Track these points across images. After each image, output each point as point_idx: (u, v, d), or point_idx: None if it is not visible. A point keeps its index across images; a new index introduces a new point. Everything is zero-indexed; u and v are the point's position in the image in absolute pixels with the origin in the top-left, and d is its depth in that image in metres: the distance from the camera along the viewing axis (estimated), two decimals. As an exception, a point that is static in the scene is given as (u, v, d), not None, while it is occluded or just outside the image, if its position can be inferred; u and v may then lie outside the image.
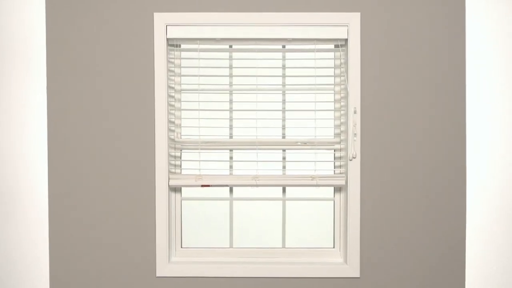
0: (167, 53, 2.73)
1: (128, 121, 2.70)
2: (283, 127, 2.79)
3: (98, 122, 2.71)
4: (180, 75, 2.77)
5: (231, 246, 2.90)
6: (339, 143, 2.79)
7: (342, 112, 2.77)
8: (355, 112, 2.66)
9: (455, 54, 2.69)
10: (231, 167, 2.78)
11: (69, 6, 2.67)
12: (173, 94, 2.78)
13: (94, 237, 2.75)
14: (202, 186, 2.72)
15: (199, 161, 2.75)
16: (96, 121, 2.70)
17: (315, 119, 2.75)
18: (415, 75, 2.69)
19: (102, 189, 2.72)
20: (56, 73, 2.70)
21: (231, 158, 2.79)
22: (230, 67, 2.76)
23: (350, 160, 2.68)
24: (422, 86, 2.69)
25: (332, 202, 2.87)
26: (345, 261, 2.78)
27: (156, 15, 2.67)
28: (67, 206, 2.74)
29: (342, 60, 2.74)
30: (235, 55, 2.77)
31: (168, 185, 2.73)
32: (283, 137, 2.80)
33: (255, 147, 2.73)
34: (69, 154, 2.71)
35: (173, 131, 2.79)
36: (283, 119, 2.77)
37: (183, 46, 2.79)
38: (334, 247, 2.88)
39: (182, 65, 2.78)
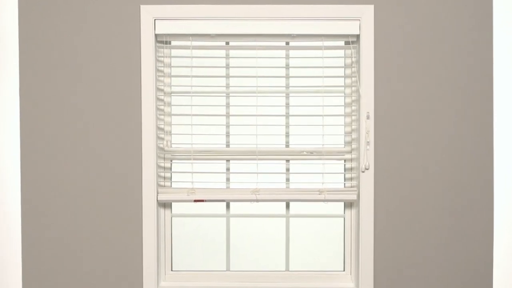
0: (156, 51, 2.66)
1: (111, 128, 2.62)
2: (287, 135, 2.73)
3: (77, 129, 2.63)
4: (170, 76, 2.71)
5: (228, 269, 2.82)
6: (350, 152, 2.71)
7: (353, 117, 2.71)
8: (368, 118, 2.59)
9: (481, 52, 2.60)
10: (228, 179, 2.73)
11: (45, -2, 2.63)
12: (162, 97, 2.71)
13: (73, 259, 2.65)
14: (195, 201, 2.65)
15: (192, 172, 2.67)
16: (74, 128, 2.62)
17: (322, 125, 2.68)
18: (436, 75, 2.61)
19: (81, 205, 2.64)
20: (30, 74, 2.62)
21: (228, 169, 2.74)
22: (227, 66, 2.71)
23: (363, 171, 2.61)
24: (444, 88, 2.61)
25: (342, 219, 2.79)
26: (357, 286, 2.69)
27: (143, 8, 2.59)
28: (42, 225, 2.65)
29: (354, 59, 2.68)
30: (232, 53, 2.71)
31: (157, 200, 2.66)
32: (287, 145, 2.74)
33: (255, 157, 2.67)
34: (44, 165, 2.63)
35: (162, 139, 2.71)
36: (287, 126, 2.72)
37: (173, 43, 2.72)
38: (344, 270, 2.80)
39: (172, 65, 2.72)
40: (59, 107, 2.62)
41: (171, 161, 2.73)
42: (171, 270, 2.79)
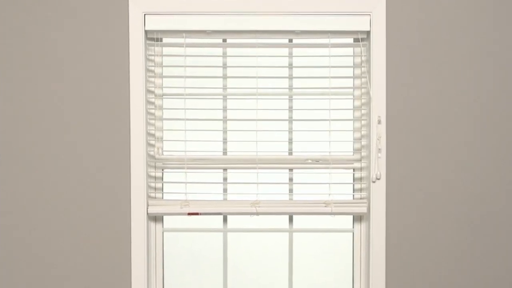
0: (146, 49, 2.63)
1: (96, 134, 2.60)
2: (290, 141, 2.71)
3: (58, 135, 2.59)
4: (161, 76, 2.68)
5: (225, 290, 2.81)
6: (359, 160, 2.68)
7: (363, 122, 2.67)
8: (379, 122, 2.56)
9: (505, 50, 2.57)
10: (225, 190, 2.72)
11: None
12: (153, 100, 2.68)
13: (53, 279, 2.62)
14: (189, 214, 2.62)
15: (185, 183, 2.65)
16: (55, 133, 2.59)
17: (329, 130, 2.64)
18: (455, 76, 2.57)
19: (62, 218, 2.60)
20: (4, 73, 2.60)
21: (225, 179, 2.72)
22: (224, 66, 2.69)
23: (373, 182, 2.57)
24: (463, 90, 2.58)
25: (351, 234, 2.76)
26: (368, 308, 2.69)
27: (132, 2, 2.55)
28: (18, 241, 2.61)
29: (363, 58, 2.63)
30: (230, 51, 2.70)
31: (147, 213, 2.62)
32: (290, 153, 2.72)
33: (255, 165, 2.65)
34: (20, 174, 2.60)
35: (153, 146, 2.68)
36: (290, 131, 2.70)
37: (165, 40, 2.69)
38: (353, 291, 2.79)
39: (164, 64, 2.69)
40: (37, 111, 2.59)
41: (162, 170, 2.70)
42: (163, 291, 2.77)
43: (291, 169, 2.69)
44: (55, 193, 2.59)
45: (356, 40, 2.63)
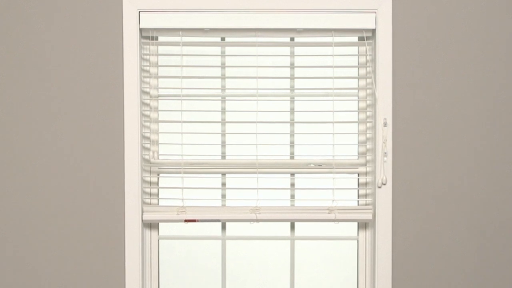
0: (140, 48, 2.62)
1: (89, 137, 2.58)
2: (291, 145, 2.70)
3: (49, 138, 2.57)
4: (157, 77, 2.67)
5: (223, 300, 2.78)
6: (364, 165, 2.67)
7: (368, 124, 2.66)
8: (385, 125, 2.55)
9: None
10: (223, 196, 2.71)
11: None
12: (148, 102, 2.67)
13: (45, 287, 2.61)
14: (186, 221, 2.60)
15: (182, 188, 2.63)
16: (45, 136, 2.57)
17: (333, 133, 2.63)
18: (464, 77, 2.56)
19: (54, 225, 2.58)
20: None
21: (223, 184, 2.72)
22: (223, 66, 2.67)
23: (379, 187, 2.56)
24: (473, 91, 2.56)
25: (356, 241, 2.75)
26: (373, 319, 2.66)
27: None
28: (6, 249, 2.58)
29: (369, 57, 2.62)
30: (228, 50, 2.70)
31: (142, 220, 2.60)
32: (291, 157, 2.70)
33: (255, 170, 2.65)
34: (9, 180, 2.58)
35: (148, 149, 2.68)
36: (291, 134, 2.70)
37: (161, 38, 2.69)
38: (358, 301, 2.74)
39: (159, 64, 2.69)
40: (26, 112, 2.57)
41: (158, 175, 2.69)
42: (158, 301, 2.75)
43: (292, 174, 2.68)
44: (45, 199, 2.57)
45: (361, 38, 2.62)
